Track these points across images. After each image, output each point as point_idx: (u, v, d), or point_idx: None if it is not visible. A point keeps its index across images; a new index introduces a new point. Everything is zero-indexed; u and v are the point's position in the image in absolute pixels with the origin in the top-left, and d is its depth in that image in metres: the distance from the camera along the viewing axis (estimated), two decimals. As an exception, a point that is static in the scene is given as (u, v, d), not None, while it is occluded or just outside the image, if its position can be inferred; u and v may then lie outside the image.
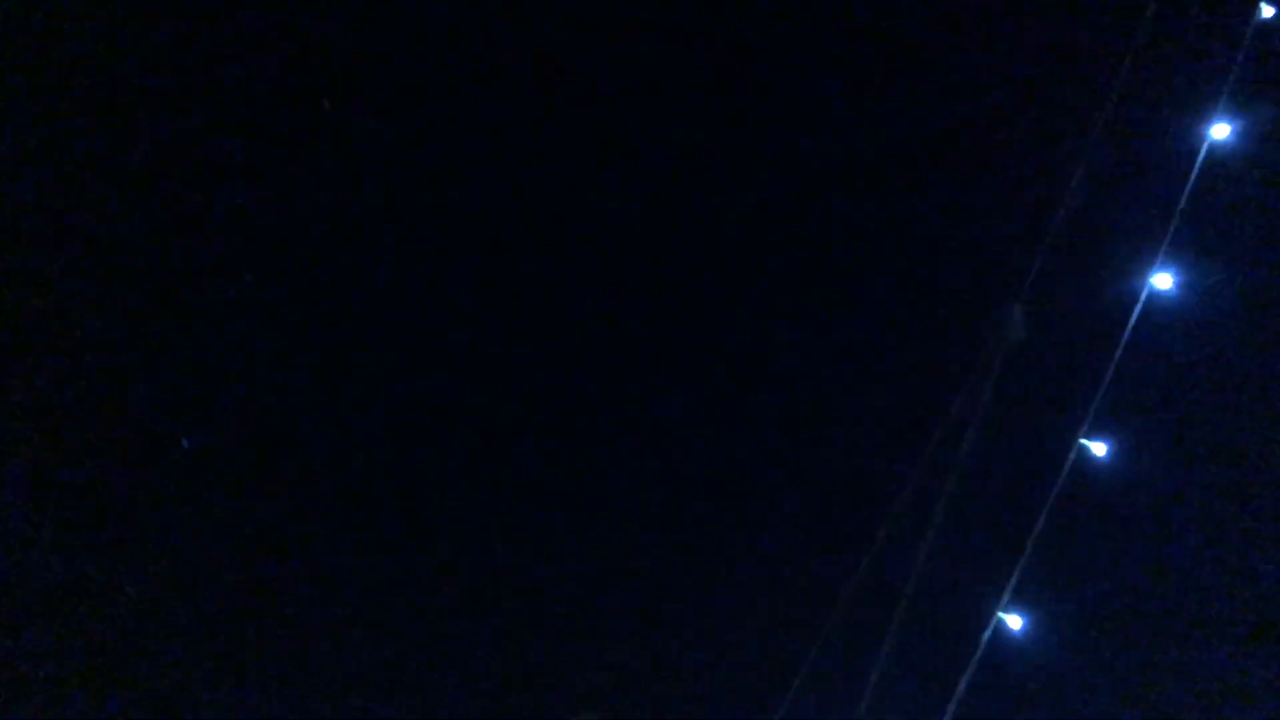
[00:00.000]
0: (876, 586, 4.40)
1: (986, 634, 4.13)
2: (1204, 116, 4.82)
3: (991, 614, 4.21)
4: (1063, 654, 4.21)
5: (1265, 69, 4.84)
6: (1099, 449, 4.44)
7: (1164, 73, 4.89)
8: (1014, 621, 4.25)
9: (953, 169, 5.13)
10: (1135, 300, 4.59)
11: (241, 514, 5.66)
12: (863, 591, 4.38)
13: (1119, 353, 4.47)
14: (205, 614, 5.50)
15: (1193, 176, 4.71)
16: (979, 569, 4.34)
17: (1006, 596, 4.21)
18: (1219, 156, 4.79)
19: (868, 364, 4.97)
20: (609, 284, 5.81)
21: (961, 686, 4.04)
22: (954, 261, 4.95)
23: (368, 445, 5.85)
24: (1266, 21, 4.98)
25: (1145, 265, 4.66)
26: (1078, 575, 4.39)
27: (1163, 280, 4.69)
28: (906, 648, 4.23)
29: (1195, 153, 4.78)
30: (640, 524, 5.14)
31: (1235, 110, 4.82)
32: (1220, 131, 4.86)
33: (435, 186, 6.12)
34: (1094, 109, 4.80)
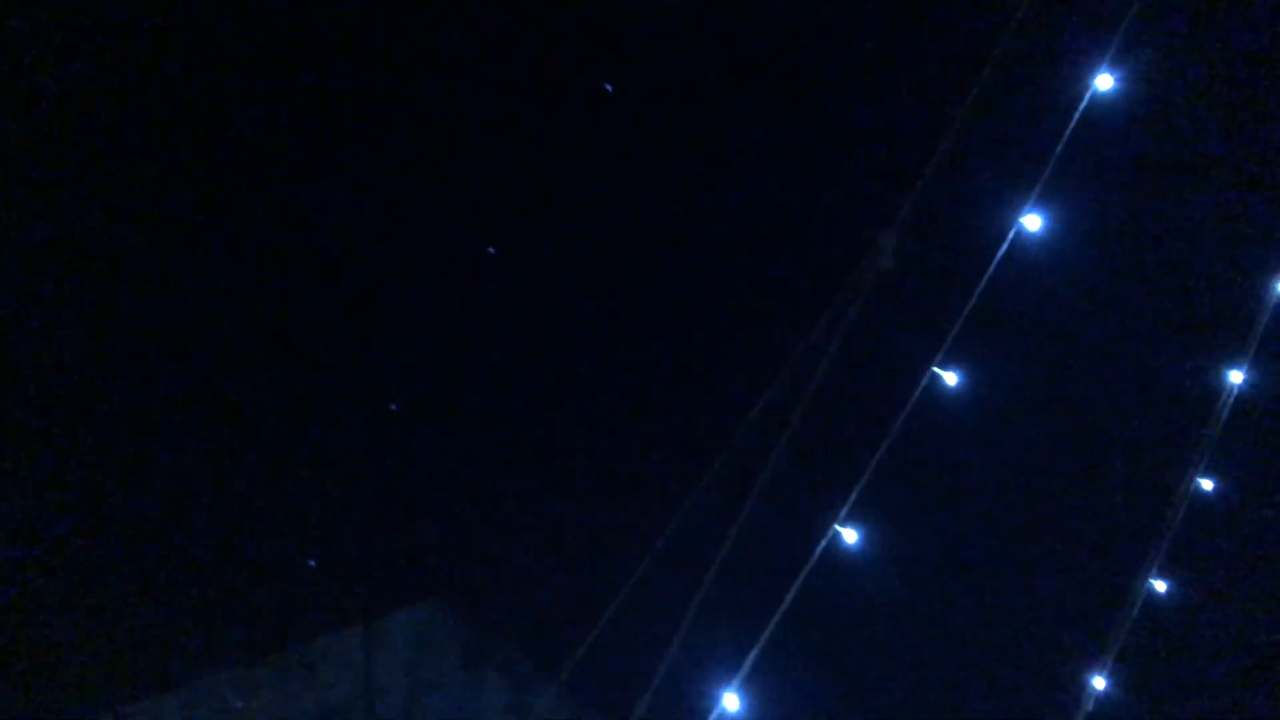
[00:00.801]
0: (726, 493, 4.48)
1: (821, 545, 4.24)
2: (1089, 66, 4.90)
3: (828, 527, 4.31)
4: (894, 570, 4.32)
5: (1150, 21, 4.92)
6: (950, 378, 4.54)
7: (1051, 20, 4.96)
8: (849, 535, 4.36)
9: (836, 97, 5.19)
10: (1003, 238, 4.68)
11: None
12: (712, 496, 4.47)
13: (981, 287, 4.56)
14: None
15: (1072, 124, 4.80)
16: (823, 483, 4.43)
17: (845, 510, 4.31)
18: (1101, 105, 4.88)
19: (740, 280, 5.04)
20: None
21: (791, 594, 4.15)
22: (829, 188, 5.02)
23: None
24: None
25: (1017, 206, 4.75)
26: (918, 496, 4.50)
27: (1032, 221, 4.78)
28: (746, 552, 4.32)
29: (1078, 101, 4.86)
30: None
31: (1119, 61, 4.91)
32: (1104, 83, 4.95)
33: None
34: (983, 46, 4.87)
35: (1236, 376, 6.67)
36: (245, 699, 13.62)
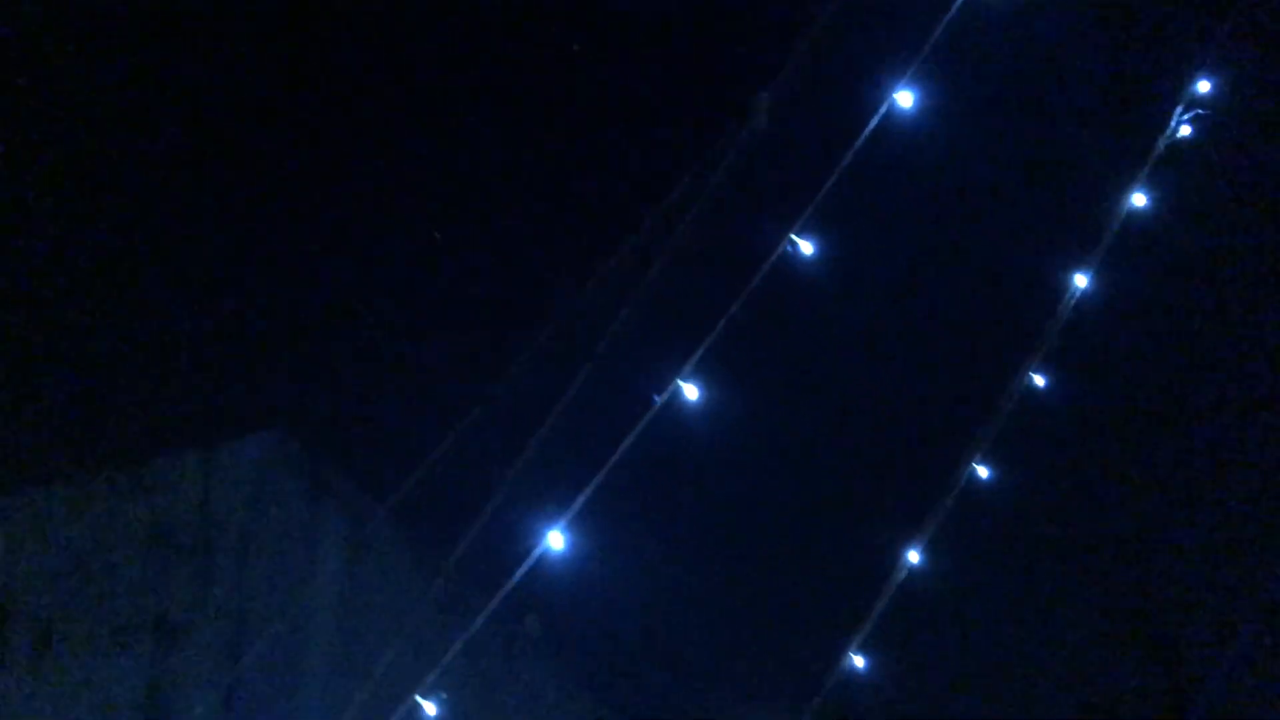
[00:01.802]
0: (573, 340, 4.46)
1: (659, 400, 4.27)
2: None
3: (668, 384, 4.34)
4: (731, 431, 4.40)
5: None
6: (807, 247, 4.56)
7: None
8: (690, 391, 4.40)
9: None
10: (874, 112, 4.67)
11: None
12: (559, 344, 4.45)
13: (847, 159, 4.56)
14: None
15: (954, 7, 4.77)
16: (671, 338, 4.45)
17: (689, 366, 4.34)
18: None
19: (609, 134, 4.96)
20: None
21: (627, 441, 4.19)
22: (706, 47, 4.92)
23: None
24: None
25: (892, 81, 4.74)
26: (761, 359, 4.56)
27: (905, 98, 4.78)
28: (588, 399, 4.33)
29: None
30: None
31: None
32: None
33: None
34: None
35: (1081, 280, 6.90)
36: (75, 515, 13.31)
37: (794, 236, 4.45)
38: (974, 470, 6.87)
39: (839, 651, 6.96)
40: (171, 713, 9.90)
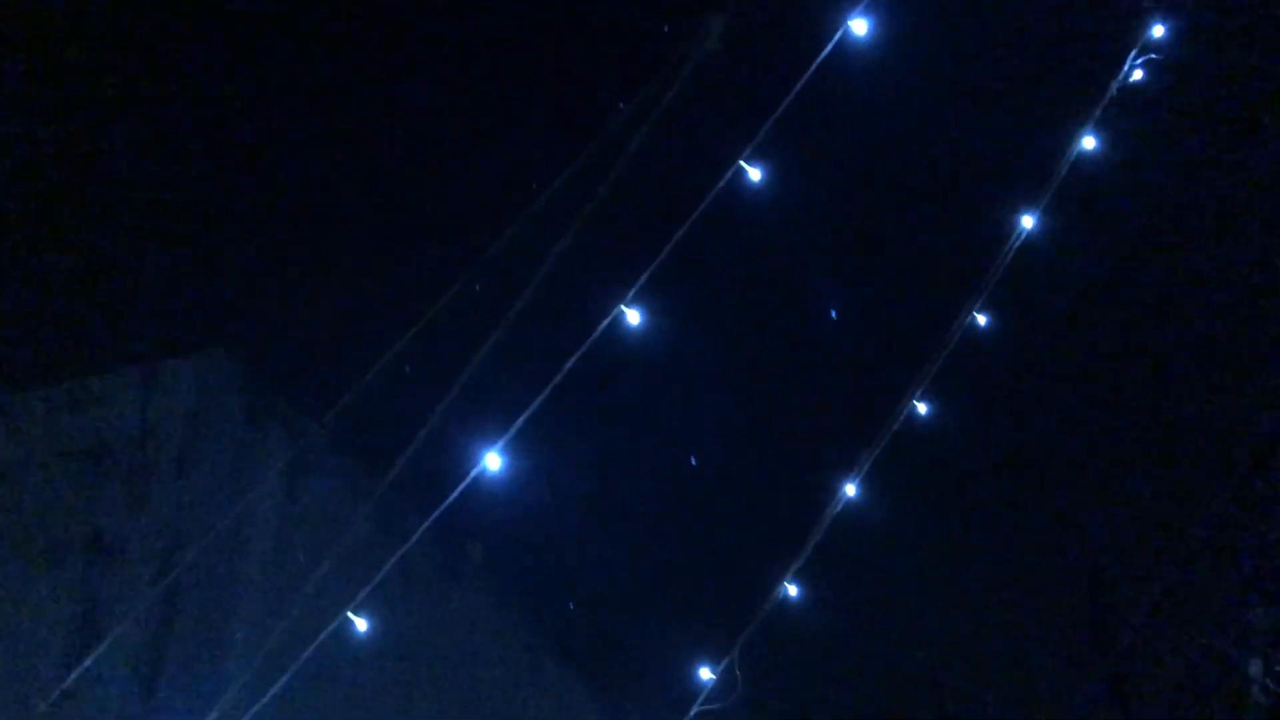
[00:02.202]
0: (517, 261, 4.41)
1: (605, 321, 4.23)
2: None
3: (615, 305, 4.30)
4: (673, 356, 4.39)
5: None
6: (755, 174, 4.52)
7: None
8: (633, 316, 4.36)
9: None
10: (828, 39, 4.61)
11: None
12: (502, 263, 4.39)
13: (799, 85, 4.51)
14: None
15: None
16: (616, 262, 4.41)
17: (632, 291, 4.30)
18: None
19: (560, 56, 4.85)
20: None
21: (569, 364, 4.16)
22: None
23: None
24: None
25: (848, 8, 4.67)
26: (704, 285, 4.54)
27: (859, 26, 4.72)
28: (531, 322, 4.29)
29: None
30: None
31: None
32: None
33: None
34: None
35: (1028, 221, 6.92)
36: (10, 432, 13.06)
37: (743, 163, 4.40)
38: (913, 405, 6.91)
39: (774, 580, 7.04)
40: (107, 628, 9.86)
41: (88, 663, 6.78)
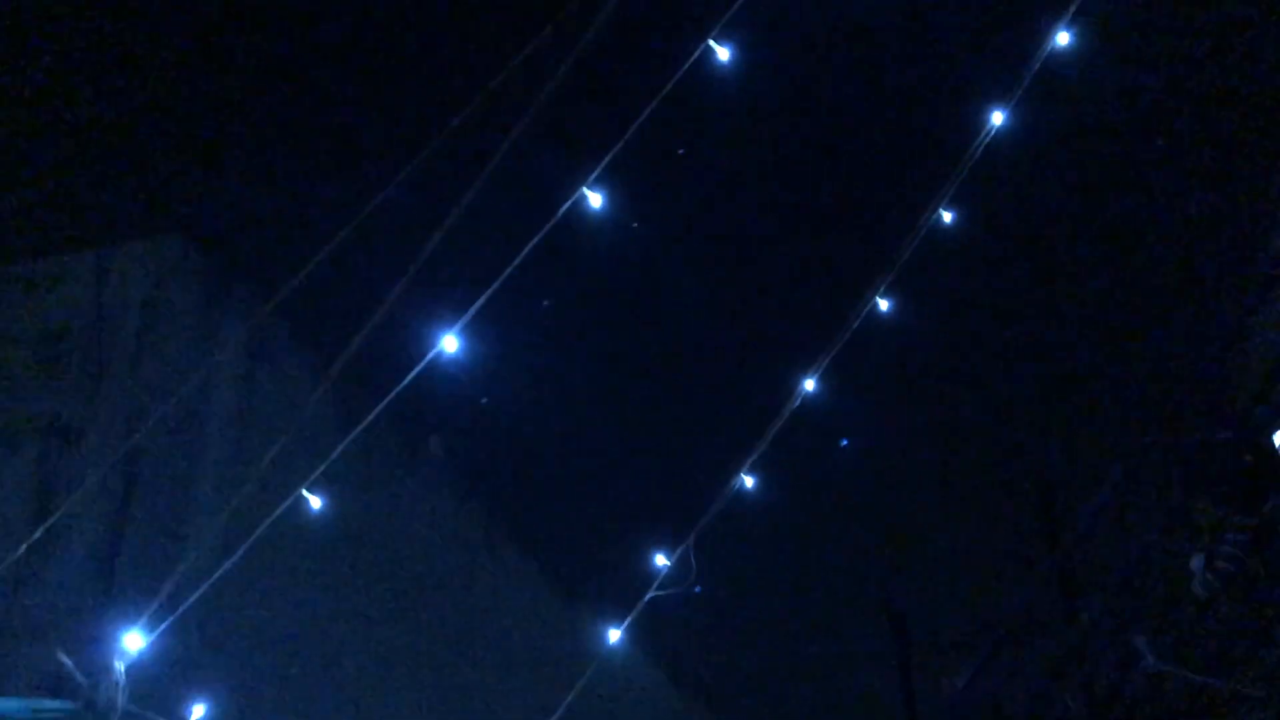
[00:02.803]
0: (473, 143, 4.32)
1: (565, 206, 4.17)
2: None
3: (577, 189, 4.24)
4: (632, 239, 4.34)
5: None
6: (723, 54, 4.42)
7: None
8: (594, 199, 4.30)
9: None
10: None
11: None
12: (460, 142, 4.30)
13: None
14: None
15: None
16: (579, 146, 4.33)
17: (595, 173, 4.23)
18: None
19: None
20: None
21: (526, 250, 4.10)
22: None
23: None
24: None
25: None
26: (670, 170, 4.47)
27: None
28: (488, 205, 4.22)
29: None
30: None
31: None
32: None
33: None
34: None
35: (998, 117, 6.87)
36: (-41, 310, 12.79)
37: (711, 42, 4.30)
38: (875, 302, 6.95)
39: (731, 471, 7.13)
40: (64, 514, 9.83)
41: (41, 532, 6.75)
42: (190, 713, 4.57)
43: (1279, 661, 6.37)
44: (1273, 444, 6.17)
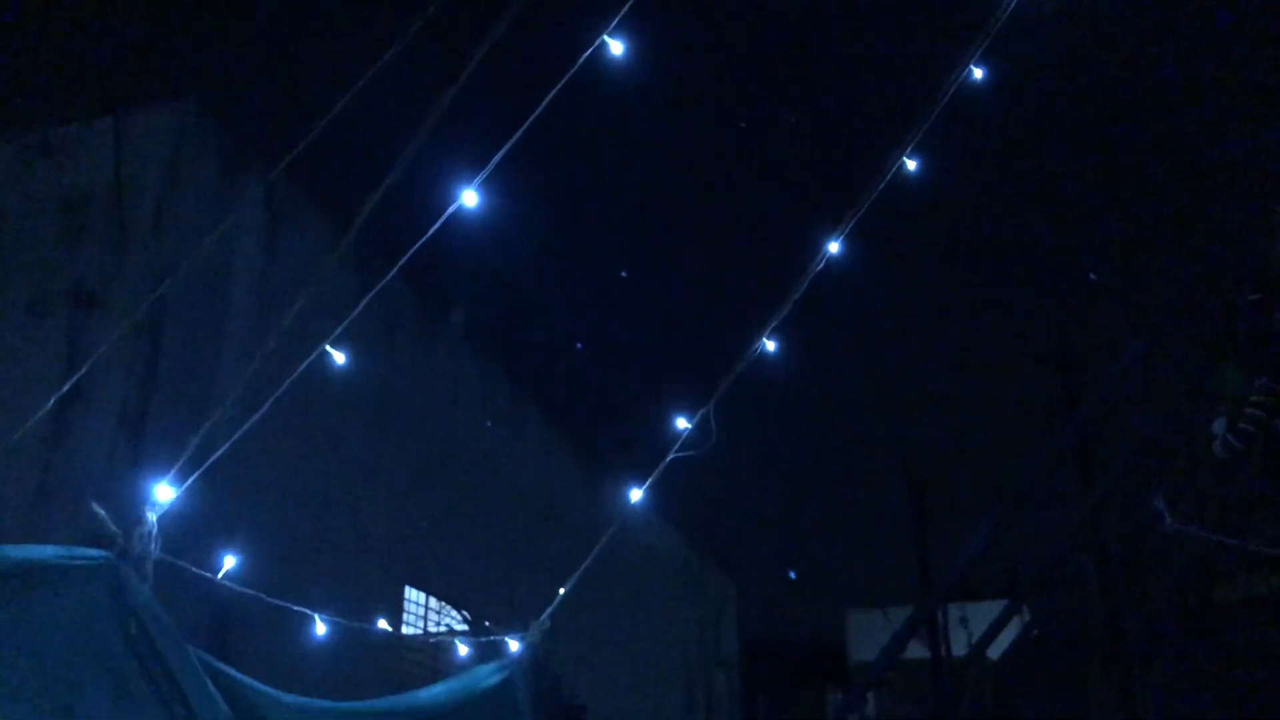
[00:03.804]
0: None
1: (586, 53, 4.08)
2: None
3: (598, 37, 4.13)
4: (658, 90, 4.24)
5: None
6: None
7: None
8: (615, 47, 4.19)
9: None
10: None
11: None
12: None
13: None
14: None
15: None
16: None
17: (614, 21, 4.12)
18: None
19: None
20: None
21: (548, 99, 4.02)
22: None
23: None
24: None
25: None
26: (693, 22, 4.34)
27: None
28: (504, 54, 4.13)
29: None
30: None
31: None
32: None
33: None
34: None
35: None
36: (-18, 177, 12.77)
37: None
38: (903, 162, 6.82)
39: (753, 335, 7.11)
40: (92, 381, 9.96)
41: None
42: (222, 564, 4.67)
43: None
44: (1302, 306, 6.12)
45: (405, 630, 13.44)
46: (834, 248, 7.01)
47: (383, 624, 6.37)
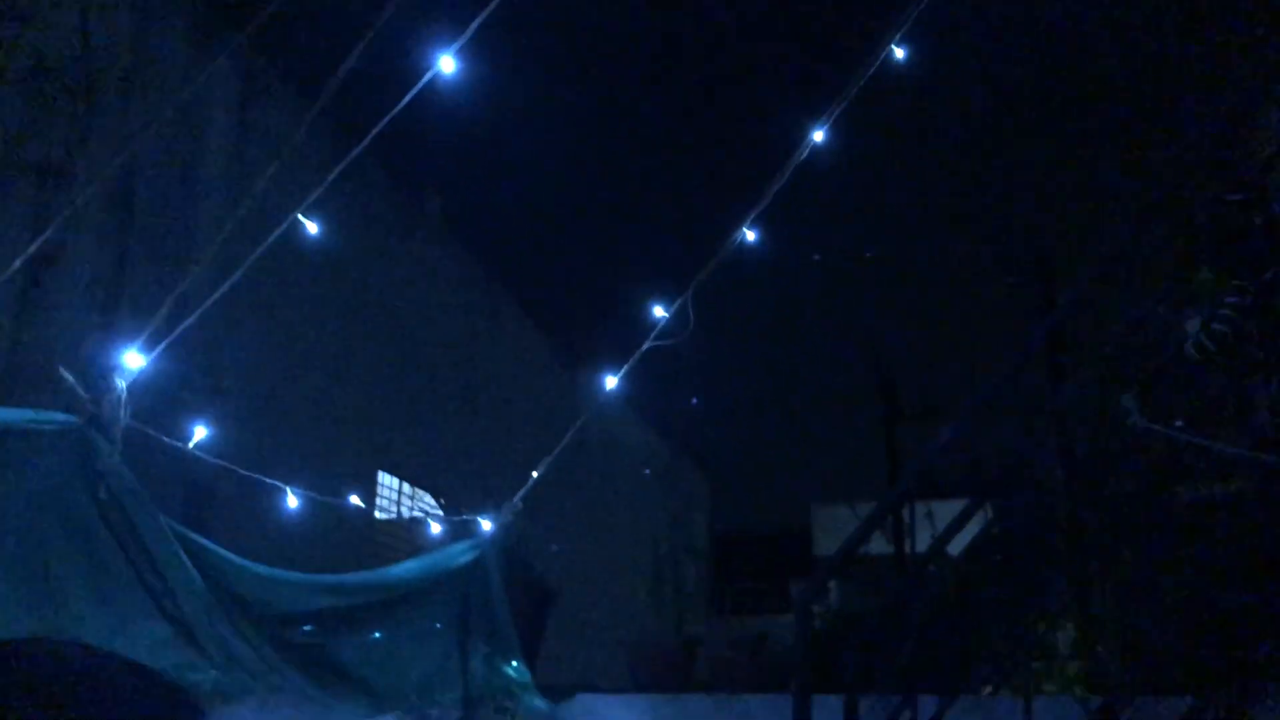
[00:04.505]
0: None
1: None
2: None
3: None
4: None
5: None
6: None
7: None
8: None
9: None
10: None
11: None
12: None
13: None
14: None
15: None
16: None
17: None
18: None
19: None
20: None
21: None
22: None
23: None
24: None
25: None
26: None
27: None
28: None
29: None
30: None
31: None
32: None
33: None
34: None
35: None
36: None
37: None
38: (890, 50, 6.73)
39: (733, 225, 7.08)
40: (63, 252, 9.81)
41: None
42: (192, 434, 4.67)
43: (1263, 425, 6.49)
44: (1284, 208, 6.09)
45: (379, 516, 13.56)
46: (818, 136, 6.94)
47: (355, 500, 6.41)
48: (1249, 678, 5.85)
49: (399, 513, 14.00)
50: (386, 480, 13.81)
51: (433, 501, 14.24)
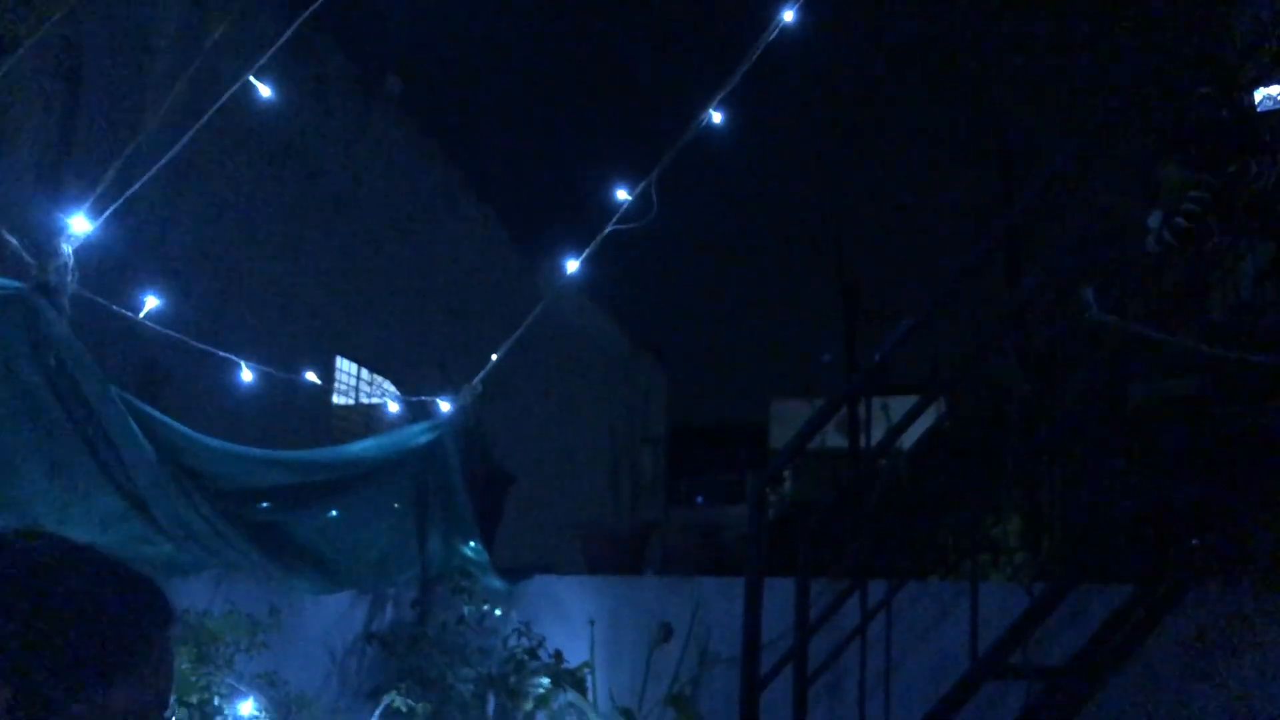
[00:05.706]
0: None
1: None
2: None
3: None
4: None
5: None
6: None
7: None
8: None
9: None
10: None
11: None
12: None
13: None
14: None
15: None
16: None
17: None
18: None
19: None
20: None
21: None
22: None
23: None
24: None
25: None
26: None
27: None
28: None
29: None
30: None
31: None
32: None
33: None
34: None
35: None
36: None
37: None
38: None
39: (697, 113, 6.95)
40: (10, 121, 9.50)
41: None
42: (143, 305, 4.57)
43: (1219, 322, 6.55)
44: (1252, 101, 6.06)
45: (336, 401, 13.49)
46: (788, 16, 6.78)
47: (311, 376, 6.34)
48: (1184, 569, 6.00)
49: (357, 400, 13.95)
50: (345, 366, 13.73)
51: (392, 388, 14.19)
